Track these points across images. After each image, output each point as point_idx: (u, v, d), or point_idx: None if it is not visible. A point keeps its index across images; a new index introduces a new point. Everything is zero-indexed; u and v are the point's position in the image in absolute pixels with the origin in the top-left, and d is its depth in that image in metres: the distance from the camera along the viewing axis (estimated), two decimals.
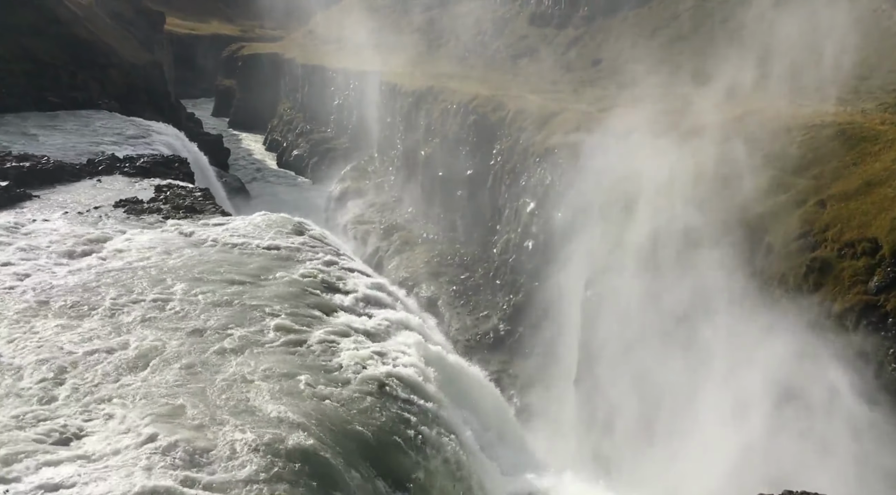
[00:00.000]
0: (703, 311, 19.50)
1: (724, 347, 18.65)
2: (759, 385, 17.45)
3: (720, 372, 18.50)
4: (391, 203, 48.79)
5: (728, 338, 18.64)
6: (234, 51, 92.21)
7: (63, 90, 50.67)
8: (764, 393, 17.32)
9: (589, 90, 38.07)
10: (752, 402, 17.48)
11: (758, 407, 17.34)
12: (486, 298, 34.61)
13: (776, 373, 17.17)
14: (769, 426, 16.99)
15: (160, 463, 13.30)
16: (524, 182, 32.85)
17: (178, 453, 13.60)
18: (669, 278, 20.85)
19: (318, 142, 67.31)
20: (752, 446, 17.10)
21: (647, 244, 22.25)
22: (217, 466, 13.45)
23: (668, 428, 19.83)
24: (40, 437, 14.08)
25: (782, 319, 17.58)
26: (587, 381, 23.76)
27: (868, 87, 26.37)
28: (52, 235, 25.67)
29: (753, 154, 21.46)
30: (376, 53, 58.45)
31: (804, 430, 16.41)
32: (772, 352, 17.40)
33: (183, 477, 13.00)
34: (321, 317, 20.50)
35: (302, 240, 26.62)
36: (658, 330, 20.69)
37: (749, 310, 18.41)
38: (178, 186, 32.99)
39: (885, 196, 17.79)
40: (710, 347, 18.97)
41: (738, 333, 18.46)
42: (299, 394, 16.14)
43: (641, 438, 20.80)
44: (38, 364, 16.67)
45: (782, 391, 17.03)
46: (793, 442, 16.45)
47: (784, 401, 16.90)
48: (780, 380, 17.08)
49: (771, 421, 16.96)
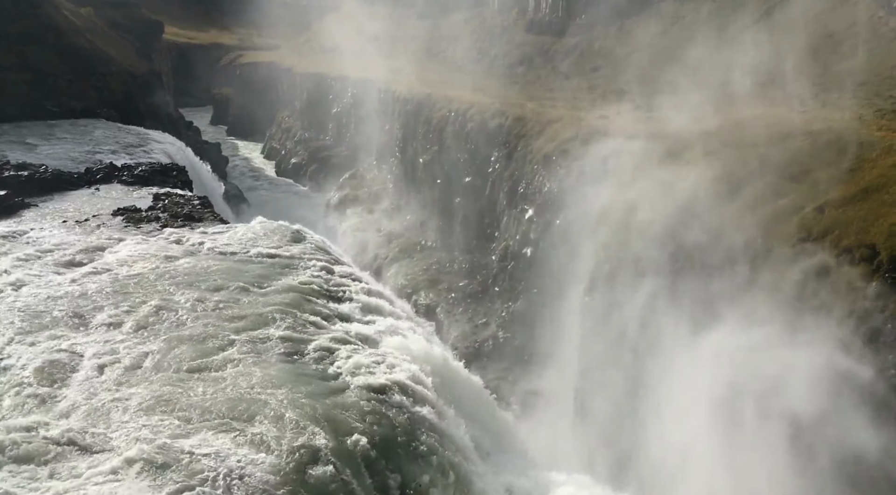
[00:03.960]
0: (705, 316, 19.48)
1: (726, 355, 18.60)
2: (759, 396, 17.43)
3: (721, 380, 18.45)
4: (390, 210, 48.81)
5: (730, 345, 18.61)
6: (232, 59, 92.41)
7: (61, 99, 50.76)
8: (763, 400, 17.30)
9: (587, 97, 38.15)
10: (747, 417, 17.45)
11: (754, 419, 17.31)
12: (485, 305, 34.58)
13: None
14: (766, 434, 16.96)
15: (158, 471, 13.27)
16: (522, 189, 32.87)
17: (177, 460, 13.56)
18: (669, 283, 20.85)
19: (316, 150, 67.35)
20: (745, 462, 17.10)
21: (646, 249, 22.26)
22: (213, 470, 13.40)
23: (665, 433, 19.79)
24: (41, 444, 14.04)
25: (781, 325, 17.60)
26: (586, 388, 23.73)
27: (865, 94, 26.45)
28: (51, 244, 25.68)
29: (752, 160, 21.49)
30: (374, 61, 58.58)
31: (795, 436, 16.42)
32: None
33: (183, 484, 12.97)
34: (320, 324, 20.48)
35: (300, 248, 26.63)
36: (658, 335, 20.67)
37: (750, 317, 18.41)
38: (176, 195, 33.01)
39: (883, 202, 17.82)
40: (711, 354, 18.94)
41: (738, 341, 18.44)
42: (298, 402, 16.10)
43: (639, 443, 20.76)
44: (36, 372, 16.64)
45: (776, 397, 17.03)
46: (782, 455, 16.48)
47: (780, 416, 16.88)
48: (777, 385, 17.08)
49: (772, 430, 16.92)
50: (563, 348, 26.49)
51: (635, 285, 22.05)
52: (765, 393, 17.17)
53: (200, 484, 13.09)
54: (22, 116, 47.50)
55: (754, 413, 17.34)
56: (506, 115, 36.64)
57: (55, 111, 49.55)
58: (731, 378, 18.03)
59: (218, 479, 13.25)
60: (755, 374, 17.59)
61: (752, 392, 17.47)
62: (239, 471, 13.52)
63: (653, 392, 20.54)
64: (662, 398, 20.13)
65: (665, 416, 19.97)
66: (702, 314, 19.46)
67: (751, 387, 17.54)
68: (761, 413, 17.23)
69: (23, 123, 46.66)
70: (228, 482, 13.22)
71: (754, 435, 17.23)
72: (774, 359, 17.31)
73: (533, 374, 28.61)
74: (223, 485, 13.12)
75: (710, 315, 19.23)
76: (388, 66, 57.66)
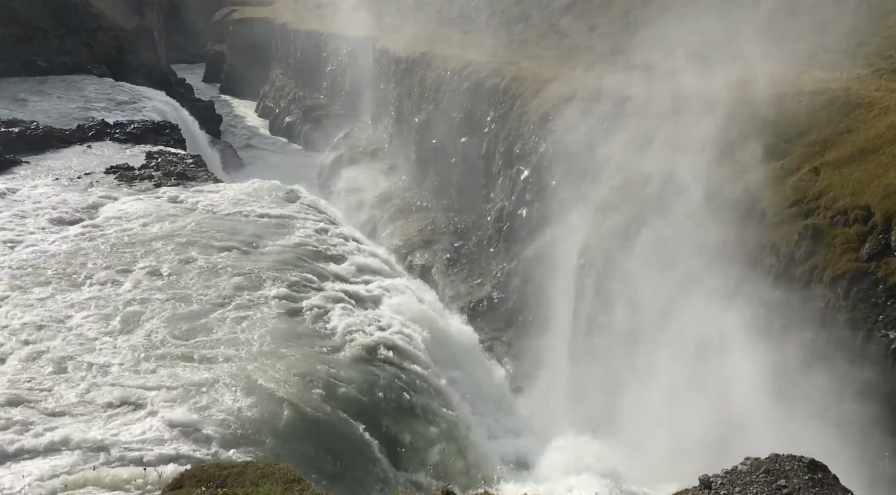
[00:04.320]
0: (695, 279, 19.55)
1: (716, 317, 18.72)
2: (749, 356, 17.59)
3: (712, 346, 18.59)
4: (385, 170, 48.55)
5: (720, 307, 18.72)
6: (226, 15, 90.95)
7: (52, 55, 50.08)
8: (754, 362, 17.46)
9: (585, 56, 37.68)
10: (738, 374, 17.61)
11: (746, 382, 17.48)
12: (480, 266, 34.63)
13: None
14: (762, 401, 17.13)
15: (153, 426, 13.39)
16: (518, 149, 32.67)
17: (177, 416, 13.69)
18: (662, 244, 20.88)
19: (310, 108, 66.72)
20: (739, 421, 17.30)
21: (639, 211, 22.24)
22: (216, 427, 13.54)
23: (656, 393, 20.00)
24: (38, 400, 14.13)
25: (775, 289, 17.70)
26: (580, 348, 23.91)
27: (864, 54, 26.17)
28: (43, 202, 25.54)
29: (748, 120, 21.35)
30: (369, 18, 57.71)
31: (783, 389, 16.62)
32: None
33: (177, 438, 13.10)
34: (315, 283, 20.52)
35: (295, 208, 26.56)
36: (651, 295, 20.77)
37: (740, 279, 18.50)
38: (169, 153, 32.77)
39: (879, 163, 17.75)
40: (702, 316, 19.05)
41: (729, 302, 18.55)
42: (294, 360, 16.21)
43: (631, 402, 20.99)
44: (31, 329, 16.66)
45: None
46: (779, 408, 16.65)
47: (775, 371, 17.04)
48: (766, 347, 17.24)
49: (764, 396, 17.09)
50: (557, 309, 26.62)
51: (629, 246, 22.09)
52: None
53: (200, 435, 13.21)
54: (11, 72, 46.93)
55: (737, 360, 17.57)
56: (502, 74, 36.25)
57: (45, 67, 48.93)
58: (721, 344, 18.22)
59: (216, 432, 13.39)
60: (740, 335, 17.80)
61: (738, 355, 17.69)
62: (236, 425, 13.66)
63: (644, 350, 20.70)
64: (654, 356, 20.30)
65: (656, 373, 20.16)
66: (695, 272, 19.54)
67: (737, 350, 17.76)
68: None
69: (12, 79, 46.09)
70: (227, 434, 13.36)
71: (736, 386, 17.41)
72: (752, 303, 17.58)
73: (527, 335, 28.79)
74: (221, 438, 13.27)
75: (702, 270, 19.32)
76: (383, 24, 56.81)
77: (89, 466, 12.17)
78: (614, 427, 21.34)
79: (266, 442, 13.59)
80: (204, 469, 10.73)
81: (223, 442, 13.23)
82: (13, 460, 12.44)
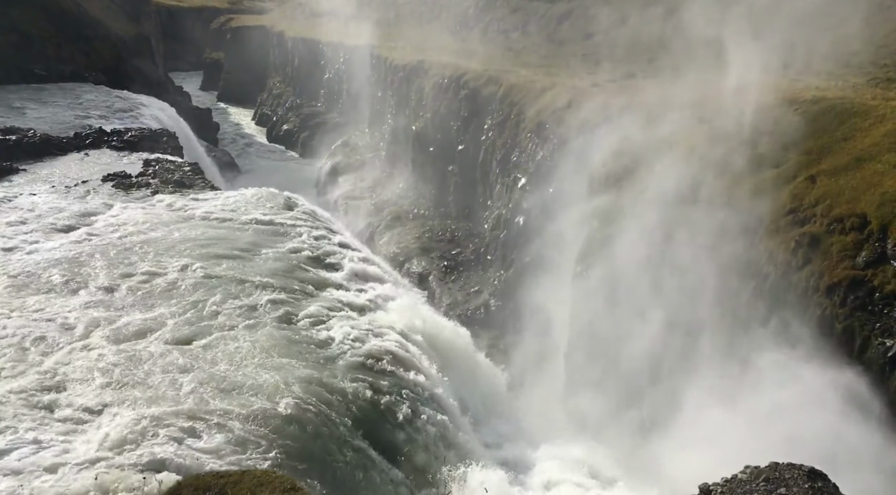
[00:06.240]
0: (694, 286, 19.57)
1: (714, 325, 18.74)
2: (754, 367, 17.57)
3: (709, 351, 18.60)
4: (382, 178, 48.60)
5: (717, 316, 18.73)
6: (223, 23, 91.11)
7: (49, 62, 50.07)
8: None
9: (581, 65, 37.83)
10: (742, 384, 17.57)
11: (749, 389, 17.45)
12: (477, 274, 34.66)
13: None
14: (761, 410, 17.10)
15: (152, 434, 13.35)
16: (515, 157, 32.74)
17: (170, 423, 13.64)
18: (660, 252, 20.90)
19: (308, 116, 66.83)
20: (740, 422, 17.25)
21: (637, 219, 22.27)
22: (209, 435, 13.50)
23: (653, 401, 19.99)
24: (31, 407, 14.08)
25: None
26: (577, 356, 23.90)
27: (859, 62, 26.31)
28: (40, 209, 25.52)
29: (744, 128, 21.42)
30: (367, 26, 57.87)
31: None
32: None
33: (176, 446, 13.06)
34: (312, 291, 20.53)
35: (292, 216, 26.58)
36: (647, 304, 20.77)
37: (739, 288, 18.51)
38: (166, 161, 32.77)
39: (875, 171, 17.80)
40: (701, 324, 19.07)
41: (728, 314, 18.56)
42: (291, 368, 16.19)
43: (628, 411, 20.97)
44: (28, 335, 16.62)
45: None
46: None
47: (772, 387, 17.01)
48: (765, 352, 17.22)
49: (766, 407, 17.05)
50: (554, 317, 26.62)
51: (626, 254, 22.10)
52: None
53: (192, 443, 13.17)
54: (8, 80, 46.90)
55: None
56: (499, 82, 36.36)
57: (43, 75, 48.92)
58: (721, 352, 18.20)
59: (209, 440, 13.35)
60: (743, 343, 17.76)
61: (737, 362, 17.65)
62: (230, 434, 13.62)
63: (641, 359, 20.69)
64: (653, 365, 20.29)
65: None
66: (693, 280, 19.54)
67: (737, 358, 17.72)
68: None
69: (10, 86, 46.08)
70: (219, 443, 13.31)
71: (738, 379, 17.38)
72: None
73: (524, 342, 28.77)
74: (213, 446, 13.21)
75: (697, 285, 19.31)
76: (380, 32, 56.97)
77: (88, 473, 12.12)
78: (611, 433, 21.32)
79: (263, 451, 13.55)
80: (202, 477, 10.71)
81: (221, 451, 13.18)
82: (12, 468, 12.38)
